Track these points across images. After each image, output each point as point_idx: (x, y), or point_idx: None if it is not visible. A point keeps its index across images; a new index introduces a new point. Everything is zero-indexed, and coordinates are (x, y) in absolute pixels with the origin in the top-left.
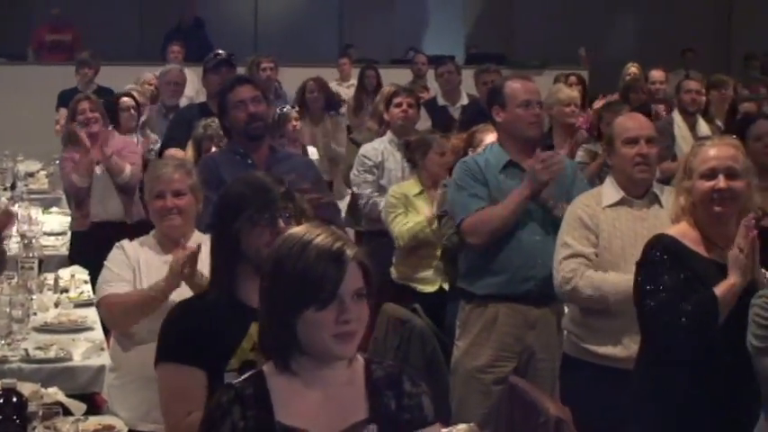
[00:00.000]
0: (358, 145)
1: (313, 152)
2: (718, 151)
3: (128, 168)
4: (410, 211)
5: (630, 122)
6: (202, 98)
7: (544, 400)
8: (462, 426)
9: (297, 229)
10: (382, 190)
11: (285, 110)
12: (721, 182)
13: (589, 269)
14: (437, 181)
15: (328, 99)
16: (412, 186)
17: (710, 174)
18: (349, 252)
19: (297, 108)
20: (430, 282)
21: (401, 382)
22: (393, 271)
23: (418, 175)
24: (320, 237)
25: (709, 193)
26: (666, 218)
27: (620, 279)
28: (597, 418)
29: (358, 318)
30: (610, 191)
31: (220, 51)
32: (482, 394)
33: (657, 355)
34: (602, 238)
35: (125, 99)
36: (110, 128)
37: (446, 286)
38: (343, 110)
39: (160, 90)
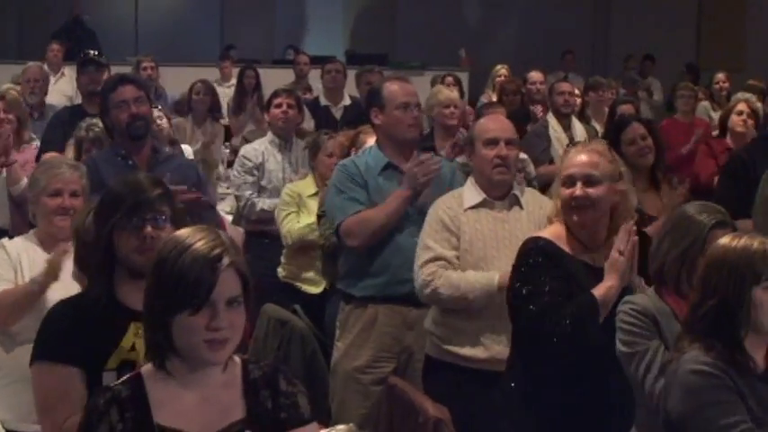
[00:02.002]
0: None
1: (188, 151)
2: (579, 158)
3: (23, 181)
4: (302, 211)
5: (490, 124)
6: None
7: (423, 401)
8: (341, 426)
9: (181, 232)
10: (263, 191)
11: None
12: (578, 189)
13: (448, 270)
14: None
15: (213, 103)
16: (307, 186)
17: (569, 181)
18: (226, 259)
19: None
20: (315, 283)
21: (277, 381)
22: (280, 270)
23: (313, 175)
24: (200, 242)
25: (568, 201)
26: (527, 219)
27: (478, 276)
28: (461, 419)
29: (231, 325)
30: (471, 193)
31: (89, 51)
32: (361, 395)
33: (534, 358)
34: (464, 241)
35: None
36: (33, 139)
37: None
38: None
39: (21, 88)
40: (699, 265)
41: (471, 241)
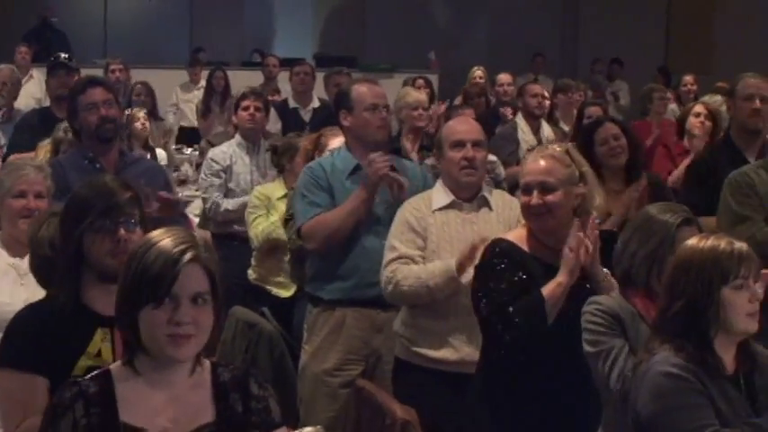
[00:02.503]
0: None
1: (162, 156)
2: (534, 166)
3: None
4: (271, 214)
5: (458, 126)
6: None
7: (390, 403)
8: (309, 428)
9: (154, 233)
10: (230, 193)
11: (134, 109)
12: (534, 197)
13: (409, 265)
14: None
15: (154, 105)
16: (277, 189)
17: (526, 189)
18: (190, 254)
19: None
20: (285, 286)
21: (248, 384)
22: (251, 273)
23: (284, 178)
24: (168, 239)
25: (526, 208)
26: (496, 221)
27: (437, 264)
28: (432, 422)
29: (195, 321)
30: (439, 194)
31: (60, 54)
32: (329, 397)
33: (497, 358)
34: (431, 242)
35: None
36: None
37: None
38: (171, 116)
39: None
40: (666, 264)
41: (439, 243)
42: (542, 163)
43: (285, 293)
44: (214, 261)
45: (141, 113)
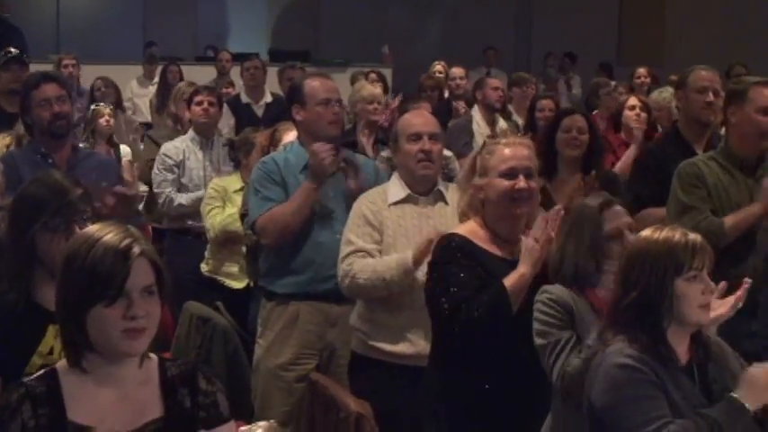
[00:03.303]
0: (157, 144)
1: (127, 152)
2: (516, 151)
3: None
4: (227, 206)
5: (414, 119)
6: None
7: (344, 397)
8: (262, 423)
9: (89, 228)
10: (183, 188)
11: (100, 105)
12: (522, 182)
13: (366, 258)
14: None
15: (118, 99)
16: (234, 181)
17: (510, 173)
18: (137, 248)
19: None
20: (237, 278)
21: (196, 379)
22: (203, 265)
23: (241, 172)
24: (109, 234)
25: (509, 193)
26: (452, 215)
27: (394, 257)
28: (389, 416)
29: (147, 314)
30: (395, 188)
31: (11, 49)
32: (284, 392)
33: (451, 353)
34: (388, 236)
35: None
36: None
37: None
38: (130, 112)
39: None
40: (607, 248)
41: (395, 236)
42: (523, 149)
43: (238, 285)
44: (155, 251)
45: (107, 110)
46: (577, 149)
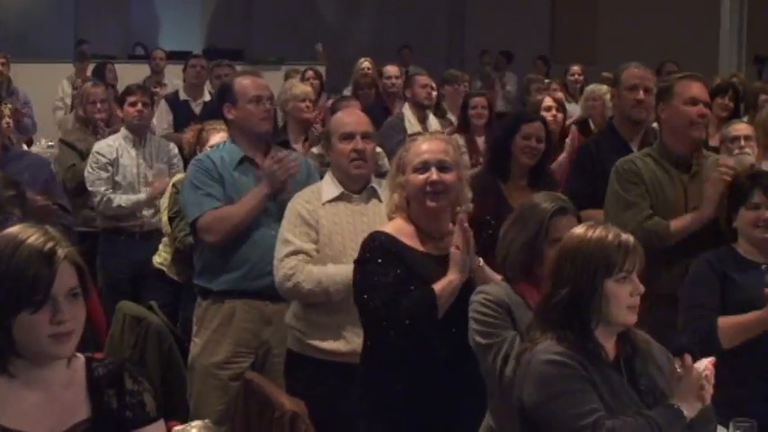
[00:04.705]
0: (72, 147)
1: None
2: (430, 145)
3: None
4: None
5: (346, 118)
6: None
7: (279, 396)
8: (197, 422)
9: (10, 230)
10: (117, 187)
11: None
12: (434, 174)
13: (309, 264)
14: None
15: None
16: None
17: (423, 167)
18: (60, 252)
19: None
20: None
21: (122, 379)
22: (156, 257)
23: None
24: (32, 237)
25: (423, 187)
26: (385, 213)
27: (339, 269)
28: (325, 413)
29: (73, 317)
30: (329, 186)
31: None
32: (220, 390)
33: (379, 352)
34: (323, 234)
35: None
36: None
37: None
38: (59, 111)
39: None
40: (545, 253)
41: (330, 235)
42: (438, 143)
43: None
44: (77, 253)
45: (6, 110)
46: (534, 158)
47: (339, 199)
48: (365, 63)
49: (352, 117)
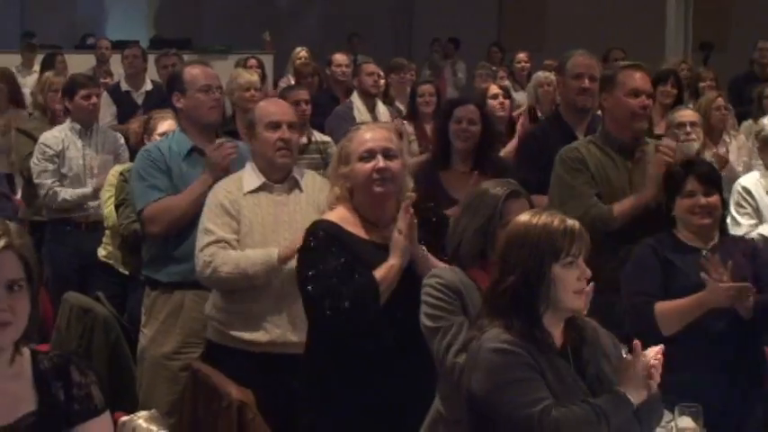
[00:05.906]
0: (29, 136)
1: None
2: (374, 134)
3: None
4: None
5: (272, 107)
6: None
7: (226, 385)
8: (143, 413)
9: None
10: (63, 178)
11: None
12: (381, 161)
13: (227, 250)
14: None
15: (12, 90)
16: None
17: (369, 155)
18: (3, 242)
19: None
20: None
21: (69, 372)
22: (101, 250)
23: None
24: None
25: (370, 174)
26: (306, 202)
27: (258, 252)
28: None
29: (11, 309)
30: (250, 177)
31: None
32: (170, 381)
33: (324, 340)
34: (244, 224)
35: None
36: None
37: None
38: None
39: None
40: (499, 237)
41: (251, 225)
42: (381, 131)
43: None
44: (28, 247)
45: None
46: (468, 141)
47: (261, 189)
48: (302, 52)
49: (277, 107)
